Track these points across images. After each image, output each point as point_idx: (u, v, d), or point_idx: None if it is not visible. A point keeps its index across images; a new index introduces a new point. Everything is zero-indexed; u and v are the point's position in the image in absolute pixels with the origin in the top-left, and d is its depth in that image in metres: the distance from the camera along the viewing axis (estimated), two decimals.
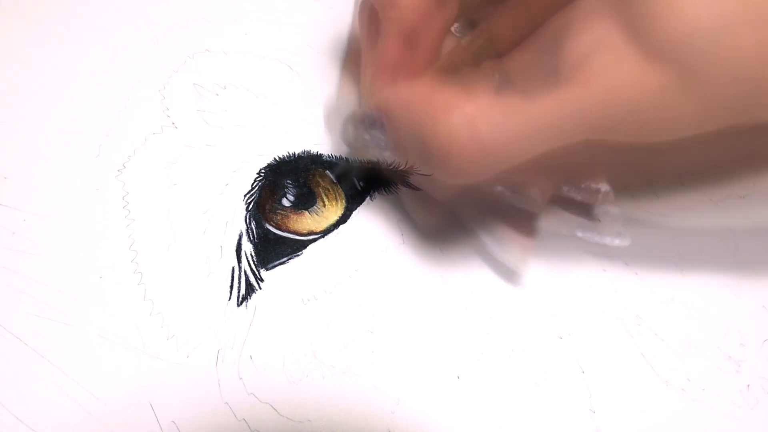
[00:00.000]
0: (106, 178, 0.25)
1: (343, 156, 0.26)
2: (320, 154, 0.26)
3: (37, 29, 0.28)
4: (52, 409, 0.21)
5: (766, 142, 0.22)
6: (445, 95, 0.19)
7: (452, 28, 0.24)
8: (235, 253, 0.24)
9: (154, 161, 0.25)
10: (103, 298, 0.23)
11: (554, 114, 0.18)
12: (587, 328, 0.24)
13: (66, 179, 0.25)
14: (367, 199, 0.25)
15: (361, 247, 0.25)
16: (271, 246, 0.24)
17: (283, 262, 0.24)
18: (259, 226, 0.24)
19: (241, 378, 0.22)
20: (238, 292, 0.23)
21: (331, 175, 0.26)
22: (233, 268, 0.24)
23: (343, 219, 0.25)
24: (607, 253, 0.25)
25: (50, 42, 0.28)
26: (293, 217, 0.25)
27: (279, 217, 0.25)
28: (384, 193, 0.26)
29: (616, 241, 0.22)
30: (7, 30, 0.28)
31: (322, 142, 0.26)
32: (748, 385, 0.23)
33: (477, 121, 0.18)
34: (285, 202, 0.25)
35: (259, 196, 0.25)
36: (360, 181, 0.26)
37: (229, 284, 0.24)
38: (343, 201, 0.25)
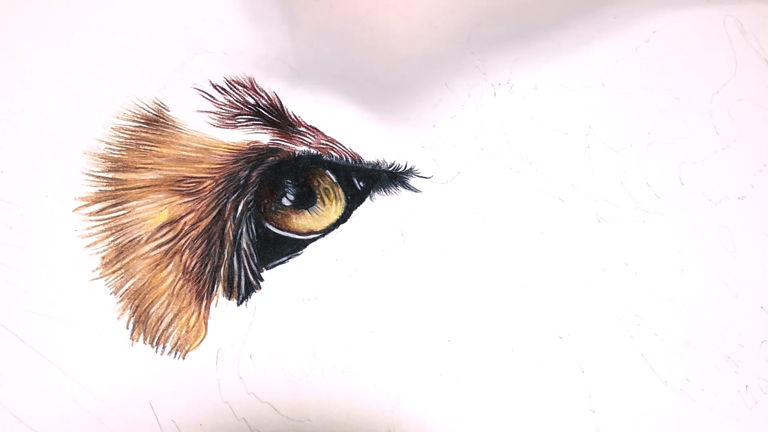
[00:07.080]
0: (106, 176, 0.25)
1: (343, 156, 0.26)
2: (320, 154, 0.26)
3: (37, 27, 0.28)
4: (52, 409, 0.21)
5: None
6: None
7: None
8: (235, 253, 0.24)
9: None
10: (102, 296, 0.23)
11: None
12: (587, 328, 0.24)
13: (65, 176, 0.25)
14: (367, 199, 0.25)
15: (361, 247, 0.25)
16: (271, 245, 0.24)
17: (283, 262, 0.24)
18: (259, 225, 0.24)
19: (241, 377, 0.22)
20: (238, 291, 0.23)
21: (331, 175, 0.26)
22: (233, 268, 0.24)
23: (343, 218, 0.25)
24: (607, 253, 0.25)
25: (50, 40, 0.28)
26: (293, 216, 0.25)
27: (279, 217, 0.25)
28: (384, 193, 0.26)
29: None
30: (7, 27, 0.28)
31: None
32: (747, 386, 0.23)
33: None
34: (285, 201, 0.25)
35: (259, 196, 0.25)
36: (360, 181, 0.26)
37: (229, 283, 0.23)
38: (343, 201, 0.25)
